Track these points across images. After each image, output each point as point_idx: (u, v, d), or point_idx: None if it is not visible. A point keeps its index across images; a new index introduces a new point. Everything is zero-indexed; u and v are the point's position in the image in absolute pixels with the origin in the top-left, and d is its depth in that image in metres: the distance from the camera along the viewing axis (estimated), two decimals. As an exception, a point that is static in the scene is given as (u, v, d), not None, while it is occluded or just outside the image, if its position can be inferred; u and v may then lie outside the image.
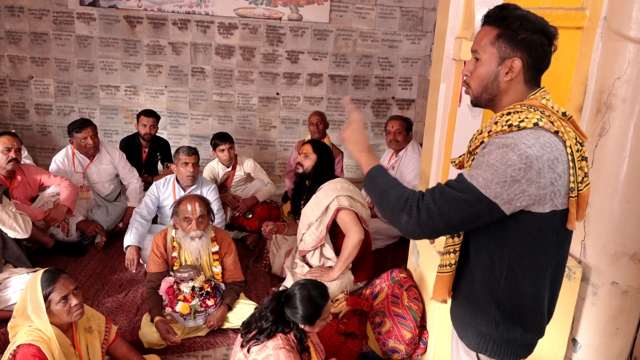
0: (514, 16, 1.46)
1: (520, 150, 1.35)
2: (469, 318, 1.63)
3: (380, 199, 1.52)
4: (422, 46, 5.82)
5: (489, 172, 1.37)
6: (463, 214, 1.40)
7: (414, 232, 1.45)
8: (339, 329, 2.92)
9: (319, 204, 3.28)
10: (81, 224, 4.00)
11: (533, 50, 1.46)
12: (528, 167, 1.35)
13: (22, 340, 2.17)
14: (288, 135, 6.02)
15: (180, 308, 2.88)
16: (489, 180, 1.37)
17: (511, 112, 1.46)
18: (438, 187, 1.45)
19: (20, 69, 5.63)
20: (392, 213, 1.48)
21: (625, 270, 2.43)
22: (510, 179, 1.36)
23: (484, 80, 1.52)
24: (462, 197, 1.39)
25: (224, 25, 5.60)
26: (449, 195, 1.41)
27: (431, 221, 1.40)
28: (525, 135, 1.39)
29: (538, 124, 1.40)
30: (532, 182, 1.37)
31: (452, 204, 1.39)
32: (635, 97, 2.24)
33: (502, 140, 1.39)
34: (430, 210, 1.40)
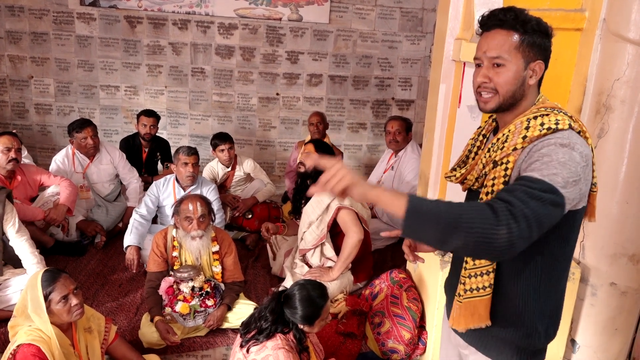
0: (531, 19, 1.45)
1: (580, 149, 1.34)
2: (509, 335, 1.53)
3: (449, 228, 1.22)
4: (421, 47, 5.83)
5: (564, 170, 1.30)
6: (550, 216, 1.28)
7: (513, 247, 1.22)
8: (339, 329, 2.93)
9: (320, 203, 3.29)
10: (81, 224, 4.00)
11: (546, 52, 1.48)
12: (586, 165, 1.36)
13: (22, 339, 2.18)
14: (288, 136, 6.02)
15: (179, 308, 2.88)
16: (566, 180, 1.30)
17: (538, 116, 1.43)
18: (521, 190, 1.28)
19: (20, 68, 5.64)
20: (481, 235, 1.21)
21: (624, 271, 2.43)
22: (578, 177, 1.33)
23: (513, 86, 1.47)
24: (550, 198, 1.27)
25: (224, 26, 5.60)
26: (537, 197, 1.26)
27: (529, 230, 1.23)
28: (570, 135, 1.37)
29: (571, 125, 1.40)
30: (587, 180, 1.38)
31: (543, 207, 1.26)
32: (634, 98, 2.25)
33: (559, 141, 1.35)
34: (527, 216, 1.23)
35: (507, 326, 1.52)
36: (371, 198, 1.34)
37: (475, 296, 1.51)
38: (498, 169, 1.45)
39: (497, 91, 1.48)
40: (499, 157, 1.45)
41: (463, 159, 1.67)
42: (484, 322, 1.51)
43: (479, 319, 1.51)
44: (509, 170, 1.42)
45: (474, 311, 1.51)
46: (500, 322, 1.51)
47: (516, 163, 1.41)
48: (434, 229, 1.24)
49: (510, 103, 1.49)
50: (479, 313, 1.50)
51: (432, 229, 1.25)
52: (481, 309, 1.51)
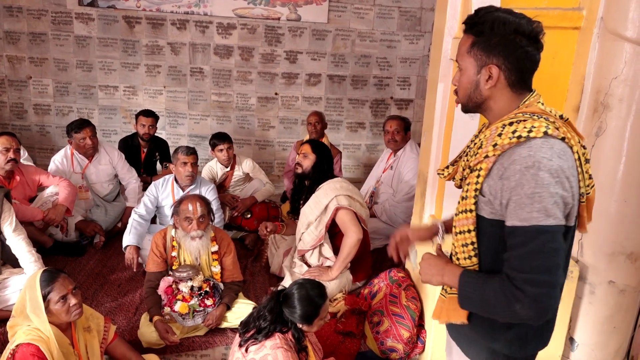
0: (484, 21, 1.40)
1: (546, 166, 1.29)
2: (479, 336, 1.56)
3: (486, 308, 1.38)
4: (420, 46, 5.83)
5: (535, 203, 1.28)
6: (554, 252, 1.28)
7: (540, 311, 1.27)
8: (337, 329, 2.93)
9: (318, 203, 3.29)
10: (80, 224, 4.00)
11: (510, 53, 1.39)
12: (560, 179, 1.30)
13: (21, 339, 2.18)
14: (287, 135, 6.02)
15: (179, 307, 2.89)
16: (544, 210, 1.27)
17: (514, 122, 1.38)
18: (512, 258, 1.32)
19: (18, 69, 5.64)
20: (505, 312, 1.32)
21: (622, 270, 2.43)
22: (557, 196, 1.29)
23: (467, 90, 1.48)
24: (540, 242, 1.28)
25: (223, 26, 5.60)
26: (529, 254, 1.28)
27: (542, 287, 1.26)
28: (539, 147, 1.31)
29: (547, 132, 1.33)
30: (569, 191, 1.32)
31: (542, 257, 1.27)
32: (632, 96, 2.25)
33: (523, 164, 1.30)
34: (531, 280, 1.27)
35: (481, 328, 1.54)
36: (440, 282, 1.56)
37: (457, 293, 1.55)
38: (472, 174, 1.44)
39: (457, 94, 1.52)
40: (473, 164, 1.45)
41: (456, 158, 1.66)
42: (462, 319, 1.54)
43: (459, 315, 1.54)
44: (480, 177, 1.40)
45: (456, 307, 1.52)
46: (476, 321, 1.54)
47: (490, 172, 1.39)
48: (478, 310, 1.45)
49: (473, 105, 1.50)
50: (459, 310, 1.53)
51: (477, 310, 1.45)
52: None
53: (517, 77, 1.42)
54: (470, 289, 1.42)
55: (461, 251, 1.49)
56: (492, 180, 1.38)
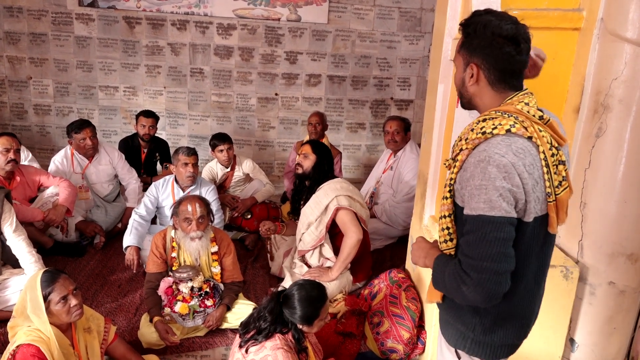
0: (471, 23, 1.51)
1: (496, 161, 1.38)
2: (451, 318, 1.67)
3: (446, 289, 1.53)
4: (420, 47, 5.83)
5: (482, 194, 1.38)
6: (500, 244, 1.37)
7: (484, 295, 1.39)
8: (338, 329, 2.93)
9: (319, 204, 3.29)
10: (80, 225, 4.00)
11: (487, 53, 1.48)
12: (509, 174, 1.38)
13: (21, 340, 2.18)
14: (287, 136, 6.03)
15: (179, 308, 2.89)
16: (488, 201, 1.37)
17: (486, 119, 1.48)
18: (463, 244, 1.44)
19: (19, 69, 5.64)
20: (457, 293, 1.45)
21: (622, 270, 2.43)
22: (503, 190, 1.37)
23: (458, 86, 1.61)
24: (486, 230, 1.38)
25: (223, 26, 5.61)
26: (475, 241, 1.39)
27: (484, 272, 1.37)
28: (496, 144, 1.41)
29: (511, 130, 1.42)
30: (520, 186, 1.40)
31: (485, 245, 1.37)
32: (632, 97, 2.25)
33: (476, 158, 1.42)
34: (474, 266, 1.38)
35: (450, 309, 1.66)
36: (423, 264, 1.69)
37: None
38: (455, 164, 1.55)
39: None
40: (453, 155, 1.58)
41: None
42: (436, 299, 1.68)
43: (434, 295, 1.67)
44: (455, 168, 1.51)
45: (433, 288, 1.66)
46: (447, 302, 1.66)
47: (463, 164, 1.49)
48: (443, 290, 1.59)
49: (465, 101, 1.62)
50: (435, 291, 1.66)
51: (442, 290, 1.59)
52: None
53: (497, 76, 1.51)
54: (438, 271, 1.55)
55: (441, 234, 1.60)
56: (462, 171, 1.49)
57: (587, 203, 2.44)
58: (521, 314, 1.61)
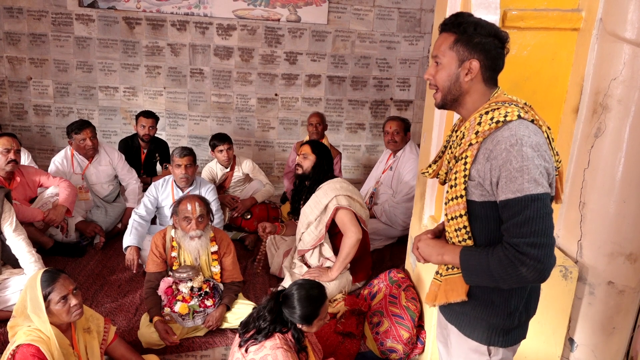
0: (468, 22, 1.58)
1: (527, 142, 1.44)
2: (480, 312, 1.66)
3: (492, 279, 1.51)
4: (419, 47, 5.84)
5: (525, 174, 1.42)
6: (549, 218, 1.43)
7: (543, 270, 1.42)
8: (337, 329, 2.93)
9: (318, 203, 3.29)
10: (80, 225, 4.01)
11: (488, 52, 1.57)
12: (540, 152, 1.46)
13: (21, 340, 2.18)
14: (286, 136, 6.03)
15: (179, 308, 2.89)
16: (532, 181, 1.42)
17: (489, 111, 1.54)
18: (512, 227, 1.45)
19: (19, 70, 5.64)
20: (513, 279, 1.46)
21: (621, 270, 2.44)
22: (541, 167, 1.44)
23: (446, 82, 1.62)
24: (534, 208, 1.41)
25: (223, 27, 5.61)
26: (524, 220, 1.42)
27: (542, 248, 1.40)
28: (516, 127, 1.48)
29: (520, 115, 1.51)
30: (549, 162, 1.48)
31: (539, 221, 1.41)
32: (631, 98, 2.25)
33: (507, 142, 1.46)
34: (533, 243, 1.41)
35: (479, 305, 1.65)
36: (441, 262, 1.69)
37: (455, 273, 1.67)
38: (459, 163, 1.59)
39: (437, 87, 1.66)
40: (458, 153, 1.60)
41: (439, 154, 1.80)
42: (461, 297, 1.64)
43: (457, 294, 1.66)
44: (467, 164, 1.55)
45: (454, 287, 1.66)
46: (473, 300, 1.66)
47: (476, 158, 1.53)
48: (483, 281, 1.56)
49: (451, 99, 1.64)
50: (457, 289, 1.65)
51: (482, 281, 1.56)
52: (459, 285, 1.65)
53: (490, 73, 1.61)
54: (474, 261, 1.54)
55: (455, 236, 1.63)
56: (479, 164, 1.52)
57: (586, 203, 2.45)
58: (538, 289, 1.71)
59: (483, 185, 1.52)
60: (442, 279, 1.72)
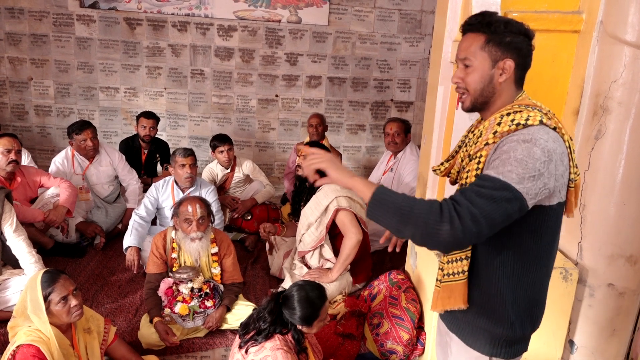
0: (498, 21, 1.52)
1: (542, 145, 1.39)
2: (482, 322, 1.60)
3: (403, 218, 1.37)
4: (420, 49, 5.84)
5: (520, 167, 1.36)
6: (503, 212, 1.35)
7: (458, 241, 1.34)
8: (337, 330, 2.93)
9: (319, 205, 3.30)
10: (80, 225, 4.01)
11: (520, 50, 1.52)
12: (549, 160, 1.39)
13: (21, 340, 2.18)
14: (287, 137, 6.03)
15: (179, 309, 2.89)
16: (521, 176, 1.36)
17: (511, 113, 1.49)
18: (471, 190, 1.38)
19: (20, 70, 5.65)
20: (425, 228, 1.34)
21: (621, 272, 2.44)
22: (537, 172, 1.37)
23: (479, 84, 1.55)
24: (502, 195, 1.34)
25: (224, 28, 5.61)
26: (487, 195, 1.34)
27: (475, 225, 1.32)
28: (537, 130, 1.42)
29: (542, 120, 1.44)
30: (552, 175, 1.40)
31: (493, 204, 1.33)
32: (631, 100, 2.26)
33: (521, 137, 1.41)
34: (473, 213, 1.32)
35: (481, 314, 1.59)
36: (347, 183, 1.51)
37: (452, 280, 1.61)
38: (472, 162, 1.52)
39: (467, 90, 1.58)
40: (473, 152, 1.54)
41: (452, 154, 1.75)
42: (459, 305, 1.59)
43: (454, 301, 1.60)
44: (480, 164, 1.49)
45: (451, 294, 1.60)
46: (475, 309, 1.60)
47: (487, 158, 1.47)
48: (391, 217, 1.40)
49: (482, 101, 1.57)
50: (455, 296, 1.59)
51: (390, 218, 1.41)
52: (457, 292, 1.59)
53: (522, 74, 1.56)
54: (395, 197, 1.41)
55: None
56: (487, 161, 1.46)
57: (586, 205, 2.45)
58: (543, 301, 1.64)
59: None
60: (440, 285, 1.66)
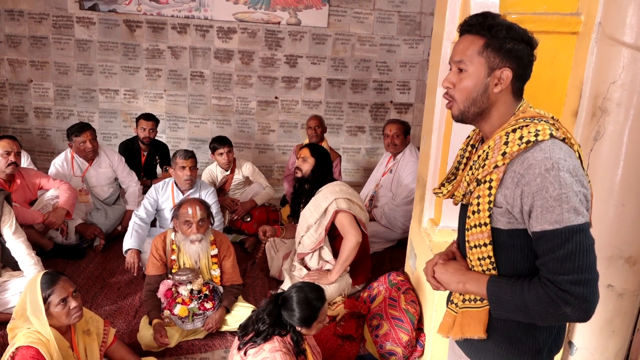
0: (500, 24, 1.38)
1: (564, 167, 1.28)
2: (505, 350, 1.50)
3: (526, 316, 1.34)
4: (419, 51, 5.85)
5: (565, 203, 1.27)
6: (592, 251, 1.28)
7: (588, 309, 1.28)
8: (337, 332, 2.93)
9: (318, 207, 3.30)
10: (80, 227, 4.01)
11: (520, 59, 1.39)
12: (578, 177, 1.30)
13: (21, 342, 2.18)
14: (287, 139, 6.04)
15: (178, 311, 2.89)
16: (573, 210, 1.26)
17: (517, 129, 1.37)
18: (550, 262, 1.29)
19: (19, 72, 5.65)
20: (555, 318, 1.30)
21: (620, 273, 2.44)
22: (580, 194, 1.29)
23: (472, 93, 1.41)
24: (580, 242, 1.26)
25: (223, 30, 5.62)
26: (568, 255, 1.26)
27: (589, 286, 1.26)
28: (550, 149, 1.31)
29: (552, 134, 1.33)
30: (587, 188, 1.33)
31: (582, 256, 1.26)
32: (630, 101, 2.26)
33: (542, 167, 1.29)
34: (577, 281, 1.25)
35: (503, 342, 1.49)
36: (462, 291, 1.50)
37: (478, 307, 1.50)
38: (482, 187, 1.41)
39: (454, 99, 1.45)
40: (482, 176, 1.41)
41: (453, 171, 1.62)
42: (479, 334, 1.48)
43: (474, 330, 1.49)
44: (493, 189, 1.38)
45: (471, 321, 1.50)
46: (496, 337, 1.49)
47: (502, 181, 1.37)
48: (515, 317, 1.38)
49: (475, 112, 1.44)
50: (475, 324, 1.49)
51: (514, 317, 1.38)
52: (477, 320, 1.49)
53: (519, 85, 1.43)
54: (506, 296, 1.36)
55: (477, 264, 1.47)
56: (507, 189, 1.36)
57: (585, 206, 2.45)
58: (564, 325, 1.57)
59: (512, 213, 1.36)
60: (459, 310, 1.55)
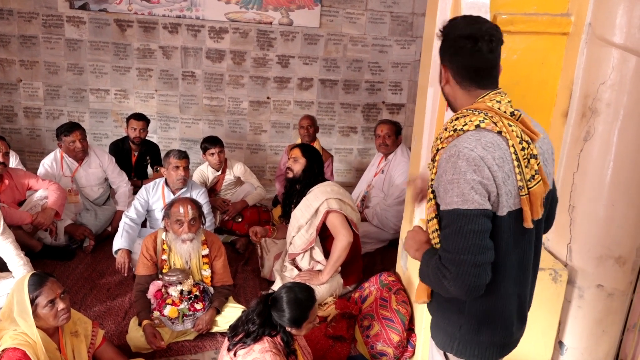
0: (444, 27, 1.56)
1: (465, 155, 1.41)
2: (438, 319, 1.70)
3: (431, 282, 1.55)
4: (412, 51, 5.85)
5: (455, 188, 1.41)
6: (475, 236, 1.40)
7: (464, 287, 1.42)
8: (328, 333, 2.92)
9: (309, 207, 3.29)
10: (69, 228, 3.98)
11: (454, 55, 1.53)
12: (478, 167, 1.41)
13: (7, 344, 2.16)
14: (278, 140, 6.02)
15: (168, 312, 2.87)
16: (461, 195, 1.41)
17: (459, 117, 1.52)
18: (441, 238, 1.49)
19: (9, 72, 5.60)
20: (440, 287, 1.49)
21: (610, 273, 2.45)
22: (473, 182, 1.41)
23: (444, 91, 1.64)
24: (461, 225, 1.40)
25: (215, 30, 5.60)
26: (451, 235, 1.43)
27: (462, 266, 1.40)
28: (466, 139, 1.44)
29: (480, 125, 1.45)
30: (490, 179, 1.42)
31: (461, 238, 1.40)
32: (619, 101, 2.27)
33: (447, 154, 1.46)
34: (452, 259, 1.42)
35: (439, 310, 1.69)
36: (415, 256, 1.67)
37: None
38: (430, 164, 1.60)
39: None
40: (432, 156, 1.60)
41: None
42: (423, 299, 1.72)
43: (420, 296, 1.72)
44: (434, 169, 1.55)
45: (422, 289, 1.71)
46: (435, 305, 1.70)
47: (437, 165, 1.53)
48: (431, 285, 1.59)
49: (451, 106, 1.64)
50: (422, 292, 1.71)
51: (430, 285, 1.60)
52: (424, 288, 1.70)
53: (463, 75, 1.55)
54: (424, 264, 1.57)
55: (432, 237, 1.60)
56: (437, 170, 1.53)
57: (575, 206, 2.46)
58: (505, 313, 1.60)
59: (438, 190, 1.52)
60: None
